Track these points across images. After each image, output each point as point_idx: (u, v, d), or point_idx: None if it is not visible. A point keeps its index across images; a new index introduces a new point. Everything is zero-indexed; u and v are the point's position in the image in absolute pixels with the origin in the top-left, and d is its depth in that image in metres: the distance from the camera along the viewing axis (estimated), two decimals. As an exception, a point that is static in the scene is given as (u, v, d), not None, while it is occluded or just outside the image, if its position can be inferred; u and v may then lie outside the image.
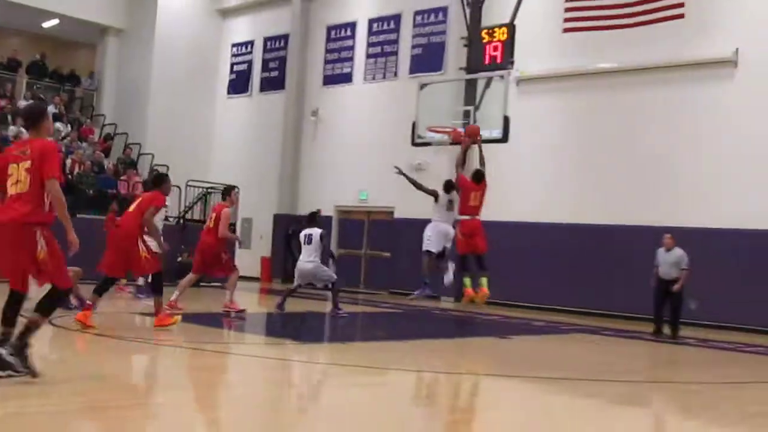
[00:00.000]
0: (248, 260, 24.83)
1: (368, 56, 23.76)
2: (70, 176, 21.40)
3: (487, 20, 17.07)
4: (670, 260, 14.72)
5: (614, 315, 17.65)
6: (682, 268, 14.60)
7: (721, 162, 17.19)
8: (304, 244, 14.13)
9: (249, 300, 20.20)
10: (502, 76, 15.77)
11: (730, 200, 16.95)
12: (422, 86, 16.83)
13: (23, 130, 14.83)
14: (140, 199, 11.34)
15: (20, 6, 25.23)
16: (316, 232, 14.06)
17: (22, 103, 24.84)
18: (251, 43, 27.23)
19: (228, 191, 13.71)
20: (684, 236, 15.56)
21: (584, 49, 19.11)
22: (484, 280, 13.93)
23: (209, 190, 23.42)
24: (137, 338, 10.29)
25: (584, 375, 9.50)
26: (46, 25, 28.44)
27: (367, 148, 22.96)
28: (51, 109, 25.05)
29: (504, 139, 15.34)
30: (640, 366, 11.79)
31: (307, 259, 13.98)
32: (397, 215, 22.14)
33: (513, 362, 10.88)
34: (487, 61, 16.55)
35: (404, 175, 14.83)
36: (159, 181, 11.62)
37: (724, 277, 16.54)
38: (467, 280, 13.96)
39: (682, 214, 17.24)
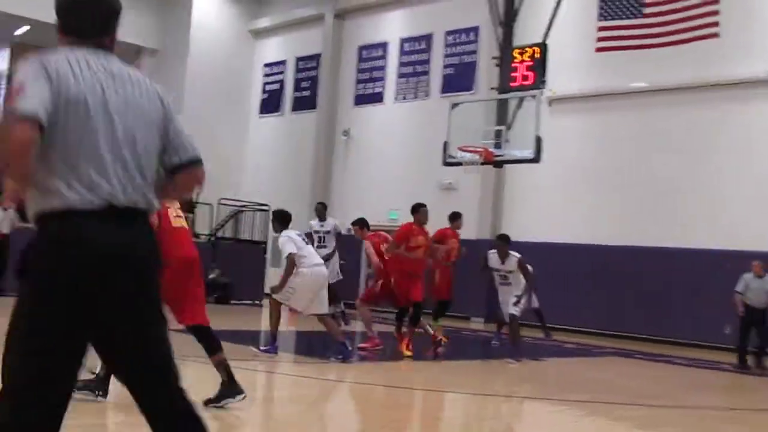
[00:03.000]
0: (277, 279, 24.86)
1: (399, 76, 23.79)
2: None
3: (518, 40, 16.97)
4: (764, 287, 13.81)
5: (642, 338, 17.42)
6: None
7: (761, 182, 16.95)
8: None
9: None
10: (533, 96, 15.67)
11: None
12: (453, 106, 16.76)
13: None
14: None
15: (57, 26, 25.55)
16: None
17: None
18: (283, 62, 27.37)
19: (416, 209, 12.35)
20: (730, 259, 15.35)
21: (617, 68, 18.99)
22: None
23: (241, 209, 23.49)
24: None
25: (617, 399, 9.35)
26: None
27: (397, 168, 22.96)
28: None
29: (536, 159, 15.22)
30: (665, 390, 11.61)
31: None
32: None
33: (545, 384, 10.74)
34: (518, 81, 16.43)
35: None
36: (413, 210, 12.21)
37: None
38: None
39: (723, 237, 16.97)
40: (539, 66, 16.19)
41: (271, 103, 27.63)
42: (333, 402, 8.59)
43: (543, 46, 16.21)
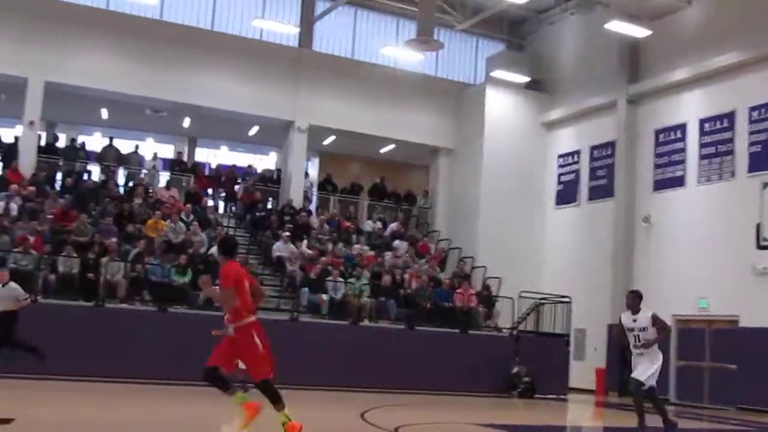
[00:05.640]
0: (582, 372, 24.26)
1: (701, 157, 22.76)
2: (408, 290, 22.28)
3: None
4: None
5: None
6: None
7: None
8: None
9: (584, 414, 19.64)
10: None
11: None
12: (765, 185, 15.83)
13: None
14: None
15: (361, 135, 27.34)
16: None
17: (367, 223, 26.62)
18: (577, 152, 27.22)
19: None
20: None
21: None
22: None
23: (541, 301, 23.33)
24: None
25: None
26: (384, 150, 30.61)
27: (704, 253, 21.81)
28: (392, 227, 26.53)
29: None
30: None
31: None
32: (742, 324, 20.61)
33: None
34: (837, 154, 15.28)
35: None
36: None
37: None
38: None
39: None
40: None
41: (566, 194, 27.48)
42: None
43: None
